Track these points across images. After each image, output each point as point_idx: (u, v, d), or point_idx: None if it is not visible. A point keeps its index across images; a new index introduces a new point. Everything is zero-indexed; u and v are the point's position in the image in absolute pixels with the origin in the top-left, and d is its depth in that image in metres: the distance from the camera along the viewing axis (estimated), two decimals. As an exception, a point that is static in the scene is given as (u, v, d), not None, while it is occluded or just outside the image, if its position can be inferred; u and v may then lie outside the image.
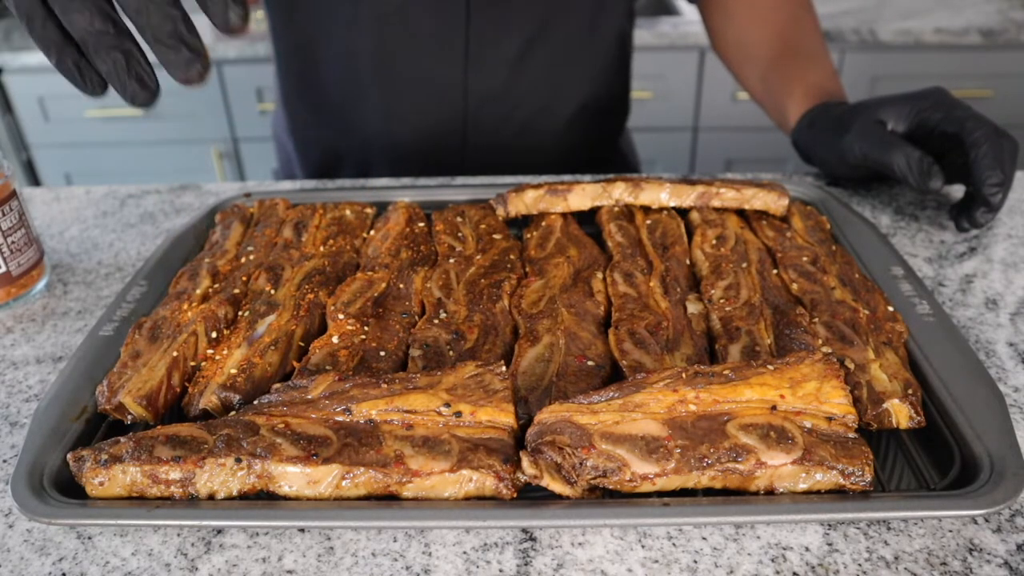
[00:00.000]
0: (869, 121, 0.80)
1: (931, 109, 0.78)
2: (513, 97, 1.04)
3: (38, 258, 0.75)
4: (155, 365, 0.58)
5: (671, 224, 0.76)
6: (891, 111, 0.80)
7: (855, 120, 0.81)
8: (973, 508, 0.46)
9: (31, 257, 0.74)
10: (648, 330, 0.61)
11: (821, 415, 0.50)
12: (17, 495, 0.48)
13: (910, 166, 0.75)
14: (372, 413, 0.51)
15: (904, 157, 0.76)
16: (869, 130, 0.79)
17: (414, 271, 0.71)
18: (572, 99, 1.07)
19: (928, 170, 0.75)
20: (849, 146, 0.80)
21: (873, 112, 0.80)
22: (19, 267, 0.72)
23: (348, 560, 0.47)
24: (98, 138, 2.13)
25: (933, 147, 0.78)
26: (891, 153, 0.76)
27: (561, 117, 1.08)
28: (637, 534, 0.48)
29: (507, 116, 1.05)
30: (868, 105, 0.82)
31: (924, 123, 0.79)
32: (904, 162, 0.76)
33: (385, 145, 1.07)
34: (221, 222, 0.80)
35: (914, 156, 0.75)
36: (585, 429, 0.48)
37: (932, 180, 0.75)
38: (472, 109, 1.04)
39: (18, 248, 0.72)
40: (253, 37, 1.97)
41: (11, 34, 2.11)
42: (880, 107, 0.81)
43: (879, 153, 0.77)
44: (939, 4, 2.02)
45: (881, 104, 0.81)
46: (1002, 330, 0.66)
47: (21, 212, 0.72)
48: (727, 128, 2.07)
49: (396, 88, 1.03)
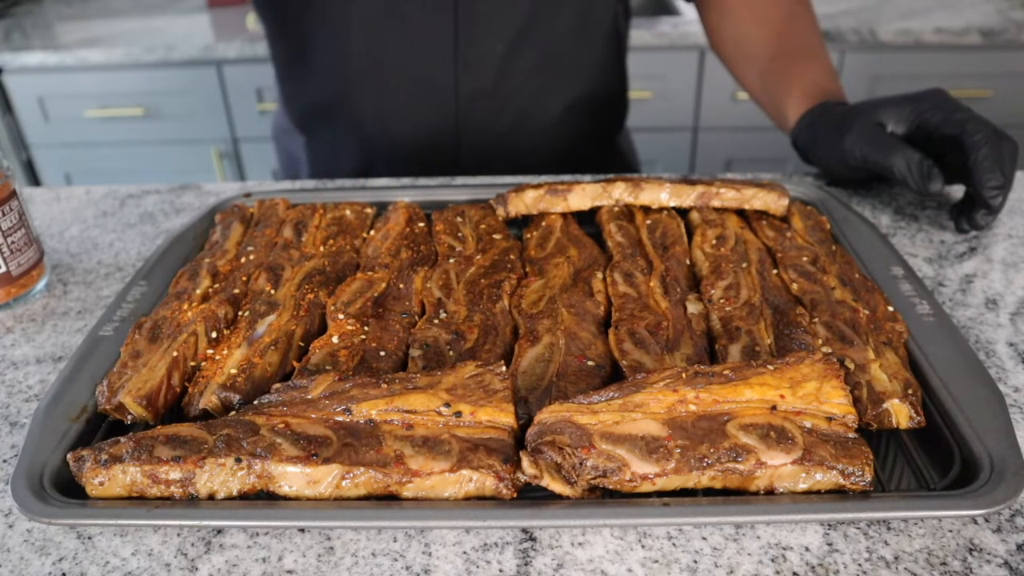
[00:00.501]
0: (869, 123, 0.80)
1: (931, 111, 0.78)
2: (503, 93, 1.04)
3: (38, 258, 0.75)
4: (155, 365, 0.58)
5: (671, 224, 0.76)
6: (891, 113, 0.80)
7: (855, 122, 0.81)
8: (973, 508, 0.46)
9: (31, 257, 0.74)
10: (648, 330, 0.61)
11: (821, 415, 0.50)
12: (17, 495, 0.48)
13: (910, 169, 0.75)
14: (372, 413, 0.51)
15: (904, 160, 0.76)
16: (869, 132, 0.79)
17: (414, 271, 0.71)
18: (563, 95, 1.07)
19: (928, 173, 0.75)
20: (849, 148, 0.80)
21: (873, 114, 0.80)
22: (19, 267, 0.72)
23: (348, 560, 0.47)
24: (98, 138, 2.13)
25: (933, 149, 0.78)
26: (891, 156, 0.76)
27: (552, 113, 1.08)
28: (637, 534, 0.48)
29: (498, 112, 1.05)
30: (868, 107, 0.82)
31: (924, 125, 0.79)
32: (904, 165, 0.76)
33: (383, 144, 1.07)
34: (221, 222, 0.80)
35: (914, 159, 0.75)
36: (585, 429, 0.48)
37: (932, 183, 0.75)
38: (463, 105, 1.04)
39: (18, 248, 0.72)
40: (253, 37, 1.97)
41: (11, 34, 2.11)
42: (880, 109, 0.81)
43: (879, 155, 0.77)
44: (939, 4, 2.02)
45: (881, 105, 0.81)
46: (1002, 330, 0.66)
47: (21, 212, 0.72)
48: (727, 128, 2.07)
49: (390, 88, 1.03)
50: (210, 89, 2.04)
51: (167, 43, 1.97)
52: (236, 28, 2.05)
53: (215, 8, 2.22)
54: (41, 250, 0.76)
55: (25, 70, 2.01)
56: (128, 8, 2.31)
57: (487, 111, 1.05)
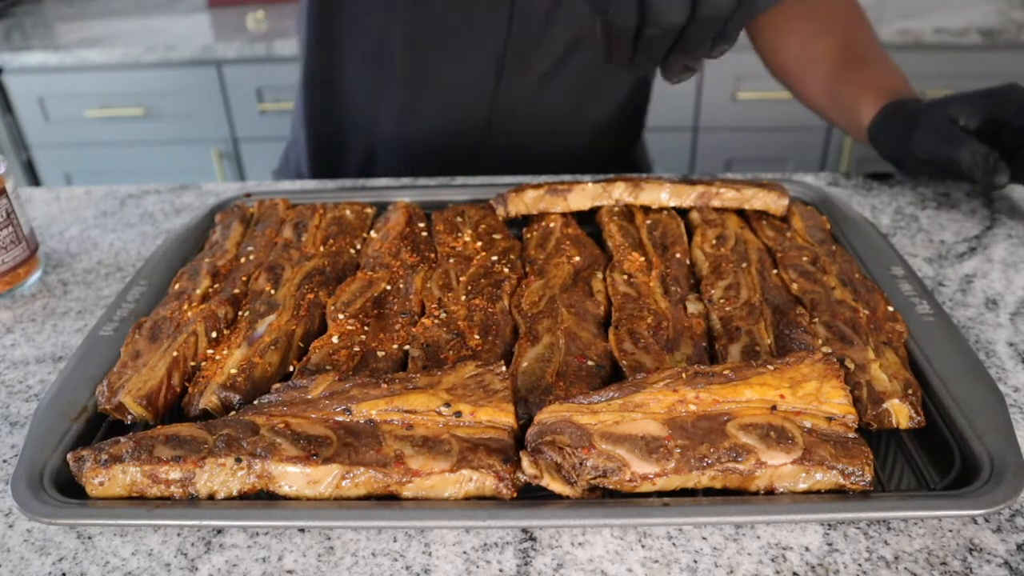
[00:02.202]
0: (939, 118, 0.80)
1: (1004, 105, 0.78)
2: (538, 109, 1.05)
3: (25, 257, 0.76)
4: (155, 365, 0.58)
5: (671, 224, 0.76)
6: (963, 107, 0.80)
7: (926, 116, 0.81)
8: (973, 508, 0.46)
9: (16, 256, 0.75)
10: (648, 330, 0.61)
11: (821, 415, 0.50)
12: (17, 495, 0.48)
13: (976, 161, 0.75)
14: (372, 413, 0.51)
15: (970, 153, 0.76)
16: (937, 126, 0.79)
17: (414, 271, 0.71)
18: (593, 115, 1.09)
19: (994, 166, 0.75)
20: (917, 142, 0.80)
21: (944, 109, 0.80)
22: (3, 264, 0.73)
23: (348, 560, 0.47)
24: (98, 138, 2.13)
25: (1005, 142, 0.78)
26: (957, 149, 0.76)
27: (580, 133, 1.09)
28: (637, 534, 0.48)
29: (528, 128, 1.06)
30: (940, 102, 0.82)
31: (996, 118, 0.79)
32: (970, 157, 0.76)
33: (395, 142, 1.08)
34: (221, 222, 0.80)
35: (980, 152, 0.75)
36: (585, 429, 0.48)
37: (998, 176, 0.75)
38: (497, 118, 1.04)
39: (3, 246, 0.73)
40: (253, 37, 1.97)
41: (11, 34, 2.11)
42: (952, 104, 0.81)
43: (945, 148, 0.77)
44: (939, 4, 2.02)
45: (953, 101, 0.81)
46: (1002, 330, 0.66)
47: (9, 211, 0.73)
48: (727, 128, 2.07)
49: (422, 91, 1.03)
50: (210, 89, 2.04)
51: (167, 43, 1.97)
52: (236, 28, 2.05)
53: (215, 8, 2.22)
54: (31, 249, 0.77)
55: (25, 70, 2.01)
56: (128, 8, 2.31)
57: (519, 125, 1.06)
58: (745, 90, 1.97)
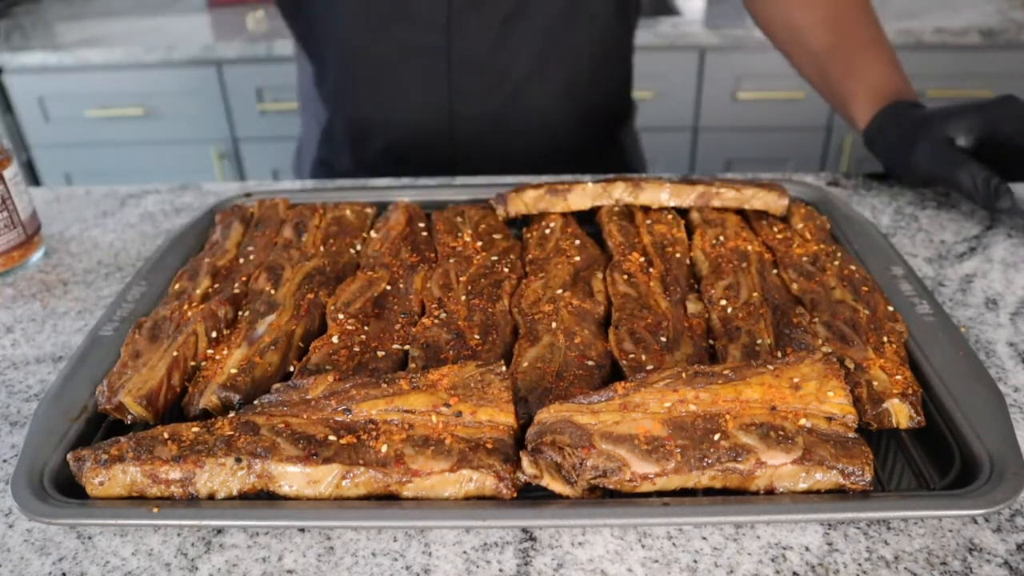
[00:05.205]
0: (937, 137, 0.79)
1: (1003, 120, 0.78)
2: (496, 69, 1.03)
3: (19, 242, 0.78)
4: (155, 365, 0.58)
5: (671, 224, 0.76)
6: (960, 124, 0.79)
7: (923, 136, 0.80)
8: (973, 508, 0.46)
9: (11, 239, 0.77)
10: (648, 330, 0.61)
11: (821, 415, 0.50)
12: (17, 495, 0.48)
13: (976, 186, 0.75)
14: (372, 413, 0.51)
15: (970, 177, 0.76)
16: (936, 147, 0.79)
17: (414, 271, 0.71)
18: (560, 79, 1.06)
19: (995, 190, 0.75)
20: (916, 164, 0.80)
21: (942, 127, 0.80)
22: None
23: (348, 560, 0.47)
24: (98, 138, 2.12)
25: (1004, 158, 0.78)
26: (957, 172, 0.76)
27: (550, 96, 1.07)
28: (637, 534, 0.48)
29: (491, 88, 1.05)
30: (937, 119, 0.81)
31: (996, 135, 0.78)
32: (970, 182, 0.76)
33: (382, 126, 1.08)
34: (221, 222, 0.80)
35: (980, 176, 0.75)
36: (585, 429, 0.48)
37: (1000, 200, 0.75)
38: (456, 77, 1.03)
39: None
40: (253, 37, 1.97)
41: (11, 34, 2.11)
42: (949, 121, 0.80)
43: (946, 172, 0.78)
44: (939, 4, 2.02)
45: (950, 117, 0.80)
46: (1002, 330, 0.66)
47: (4, 196, 0.75)
48: (727, 128, 2.07)
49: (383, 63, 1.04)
50: (210, 89, 2.04)
51: (167, 43, 1.97)
52: (236, 28, 2.05)
53: (215, 8, 2.22)
54: (27, 234, 0.78)
55: (25, 70, 2.01)
56: (128, 8, 2.31)
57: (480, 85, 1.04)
58: (745, 90, 1.97)
